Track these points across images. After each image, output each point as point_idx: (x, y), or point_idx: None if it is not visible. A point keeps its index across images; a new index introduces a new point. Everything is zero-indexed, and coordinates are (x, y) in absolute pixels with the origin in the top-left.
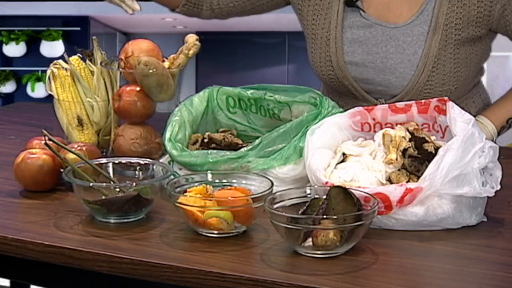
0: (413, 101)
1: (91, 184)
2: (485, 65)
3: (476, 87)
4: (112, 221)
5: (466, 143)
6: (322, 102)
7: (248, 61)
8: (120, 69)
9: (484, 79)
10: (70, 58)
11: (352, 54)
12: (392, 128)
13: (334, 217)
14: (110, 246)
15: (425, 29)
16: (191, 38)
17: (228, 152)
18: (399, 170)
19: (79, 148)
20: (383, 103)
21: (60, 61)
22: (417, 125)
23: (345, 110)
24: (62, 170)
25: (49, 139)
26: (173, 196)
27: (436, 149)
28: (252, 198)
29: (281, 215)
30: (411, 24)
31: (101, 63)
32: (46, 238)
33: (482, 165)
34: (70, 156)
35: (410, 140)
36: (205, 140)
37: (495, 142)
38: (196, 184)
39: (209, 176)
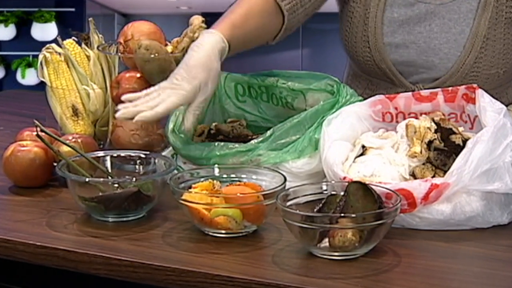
0: (439, 89)
1: (87, 180)
2: None
3: None
4: (110, 219)
5: (497, 134)
6: (339, 89)
7: (258, 46)
8: (119, 54)
9: None
10: (64, 42)
11: (391, 35)
12: (416, 118)
13: (353, 215)
14: (108, 247)
15: (473, 6)
16: (196, 20)
17: (237, 145)
18: (423, 164)
19: (74, 140)
20: (421, 89)
21: (53, 45)
22: (443, 114)
23: (371, 96)
24: (55, 164)
25: (41, 130)
26: (177, 192)
27: (464, 141)
28: (263, 195)
29: (295, 213)
30: (458, 0)
31: (98, 47)
32: (38, 238)
33: None
34: (64, 148)
35: (435, 132)
36: (212, 132)
37: None
38: (201, 179)
39: (216, 171)
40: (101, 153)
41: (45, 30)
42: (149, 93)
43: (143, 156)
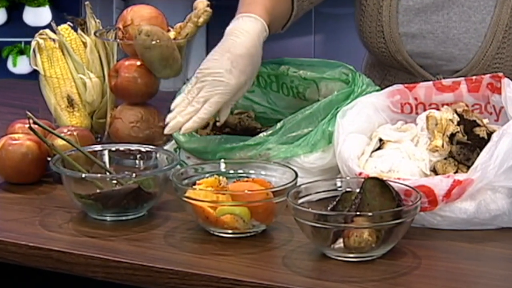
0: (462, 78)
1: (83, 175)
2: None
3: None
4: (108, 218)
5: None
6: (355, 78)
7: None
8: (118, 40)
9: None
10: (59, 27)
11: (407, 25)
12: (438, 109)
13: (369, 214)
14: (106, 248)
15: None
16: (201, 4)
17: (244, 138)
18: (445, 158)
19: (69, 133)
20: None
21: (47, 30)
22: (466, 105)
23: (390, 85)
24: (49, 158)
25: (34, 123)
26: (180, 189)
27: (489, 134)
28: (273, 192)
29: (307, 212)
30: None
31: (95, 33)
32: (31, 238)
33: None
34: (59, 142)
35: (458, 124)
36: (218, 124)
37: None
38: (207, 175)
39: (222, 166)
40: (98, 147)
41: (38, 15)
42: (190, 90)
43: (143, 150)
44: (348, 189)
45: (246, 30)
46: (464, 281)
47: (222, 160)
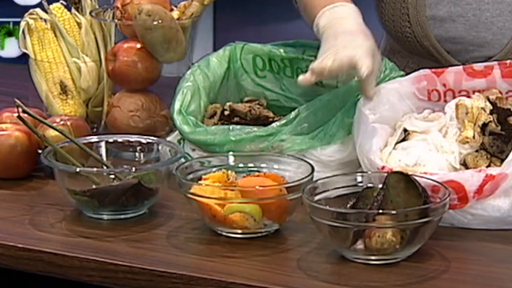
0: (495, 62)
1: (77, 170)
2: None
3: None
4: (105, 217)
5: None
6: None
7: (280, 10)
8: (116, 21)
9: None
10: (51, 6)
11: (435, 7)
12: (468, 96)
13: (393, 212)
14: (103, 250)
15: None
16: None
17: (255, 128)
18: (477, 151)
19: (62, 122)
20: None
21: (38, 10)
22: (500, 92)
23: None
24: (40, 151)
25: (23, 111)
26: (184, 185)
27: None
28: (287, 188)
29: (324, 210)
30: None
31: (90, 12)
32: (20, 239)
33: None
34: (51, 133)
35: (491, 113)
36: (226, 113)
37: None
38: (214, 169)
39: (231, 159)
40: (94, 138)
41: None
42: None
43: (144, 141)
44: (369, 185)
45: (348, 14)
46: (497, 286)
47: (231, 152)
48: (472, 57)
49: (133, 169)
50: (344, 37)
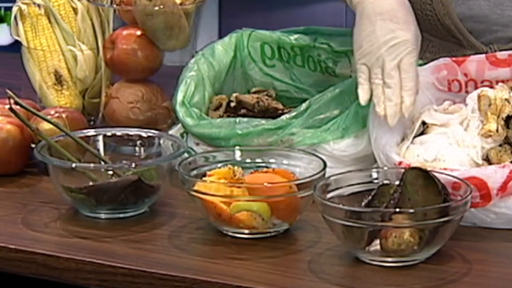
0: None
1: (73, 165)
2: None
3: None
4: (102, 216)
5: None
6: None
7: None
8: (114, 6)
9: None
10: None
11: None
12: (491, 87)
13: (411, 210)
14: (100, 251)
15: None
16: None
17: (263, 121)
18: (500, 145)
19: (57, 115)
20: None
21: None
22: None
23: (433, 60)
24: (33, 145)
25: (16, 103)
26: (188, 181)
27: None
28: (297, 185)
29: (337, 208)
30: None
31: None
32: (12, 240)
33: None
34: (45, 126)
35: None
36: (232, 104)
37: None
38: (219, 165)
39: (238, 154)
40: (91, 132)
41: None
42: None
43: (144, 135)
44: (385, 182)
45: None
46: None
47: (237, 147)
48: (496, 38)
49: (133, 164)
50: (383, 25)
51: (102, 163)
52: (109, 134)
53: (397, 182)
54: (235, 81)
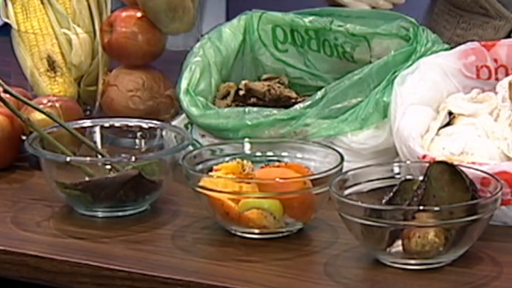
0: None
1: (68, 159)
2: None
3: None
4: (100, 214)
5: None
6: (417, 34)
7: None
8: None
9: None
10: None
11: None
12: None
13: (436, 208)
14: (97, 253)
15: None
16: None
17: (275, 111)
18: None
19: (50, 104)
20: None
21: None
22: None
23: (457, 46)
24: (24, 137)
25: (5, 91)
26: (193, 177)
27: None
28: (312, 180)
29: (355, 206)
30: None
31: None
32: (0, 240)
33: None
34: (37, 116)
35: None
36: (241, 92)
37: None
38: (226, 158)
39: (247, 147)
40: (87, 123)
41: None
42: None
43: (145, 126)
44: (408, 177)
45: None
46: None
47: (246, 139)
48: None
49: (133, 158)
50: None
51: (99, 156)
52: (106, 125)
53: (421, 178)
54: (244, 67)
